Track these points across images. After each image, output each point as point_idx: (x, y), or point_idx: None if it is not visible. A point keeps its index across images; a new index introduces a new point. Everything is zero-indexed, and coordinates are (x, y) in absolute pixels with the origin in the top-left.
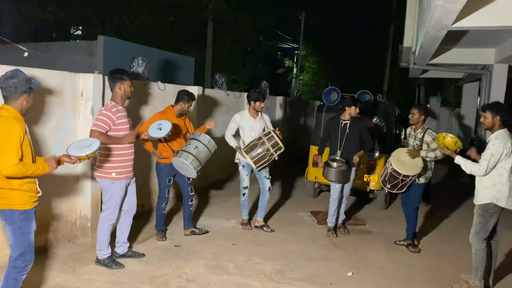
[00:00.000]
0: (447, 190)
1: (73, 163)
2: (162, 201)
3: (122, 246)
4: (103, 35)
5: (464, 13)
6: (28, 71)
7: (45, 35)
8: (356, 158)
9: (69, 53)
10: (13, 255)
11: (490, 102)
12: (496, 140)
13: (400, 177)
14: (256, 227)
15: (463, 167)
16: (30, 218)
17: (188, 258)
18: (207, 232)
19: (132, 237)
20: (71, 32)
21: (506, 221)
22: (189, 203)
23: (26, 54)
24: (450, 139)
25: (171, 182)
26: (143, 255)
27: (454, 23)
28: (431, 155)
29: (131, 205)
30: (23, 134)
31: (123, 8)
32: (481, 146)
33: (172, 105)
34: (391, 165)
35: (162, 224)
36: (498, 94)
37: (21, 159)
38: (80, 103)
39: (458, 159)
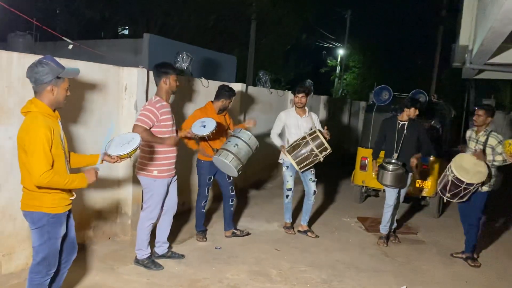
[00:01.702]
0: (506, 199)
1: (114, 162)
2: (202, 200)
3: (162, 246)
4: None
5: None
6: (70, 63)
7: (94, 34)
8: (413, 161)
9: (115, 50)
10: (36, 258)
11: None
12: None
13: (463, 186)
14: (299, 231)
15: None
16: (60, 222)
17: (230, 261)
18: (248, 234)
19: (172, 237)
20: (118, 31)
21: None
22: (230, 203)
23: (70, 46)
24: None
25: (211, 180)
26: (183, 256)
27: None
28: (499, 158)
29: (172, 204)
30: (52, 135)
31: (168, 7)
32: None
33: (212, 101)
34: (452, 172)
35: (202, 224)
36: None
37: (52, 166)
38: (123, 97)
39: None
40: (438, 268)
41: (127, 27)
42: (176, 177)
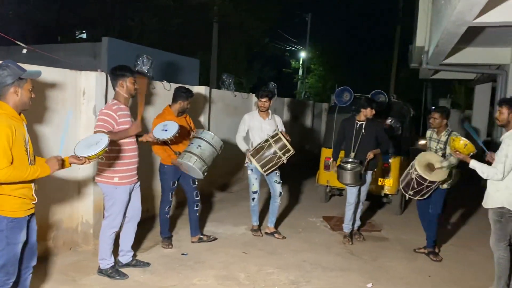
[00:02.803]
0: (462, 195)
1: (82, 164)
2: (165, 205)
3: (126, 255)
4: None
5: (486, 7)
6: (28, 67)
7: (50, 39)
8: (370, 155)
9: (73, 54)
10: None
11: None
12: (509, 140)
13: (426, 183)
14: (267, 234)
15: (479, 172)
16: (19, 227)
17: (196, 267)
18: (215, 239)
19: (136, 245)
20: (76, 35)
21: None
22: (195, 208)
23: (24, 51)
24: (461, 142)
25: (175, 185)
26: (148, 264)
27: (475, 18)
28: (453, 160)
29: (135, 211)
30: (14, 135)
31: (128, 10)
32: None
33: (169, 105)
34: (415, 170)
35: (167, 231)
36: None
37: (12, 163)
38: (82, 102)
39: (473, 164)
40: (402, 264)
41: (84, 31)
42: (139, 183)
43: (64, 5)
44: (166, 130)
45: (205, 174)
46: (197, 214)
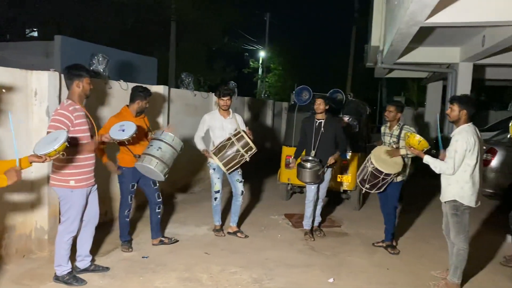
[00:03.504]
0: (417, 188)
1: (43, 162)
2: (125, 209)
3: (84, 260)
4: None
5: (437, 8)
6: None
7: None
8: (331, 160)
9: (23, 53)
10: None
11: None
12: (459, 136)
13: (382, 176)
14: (229, 233)
15: (432, 167)
16: None
17: (158, 270)
18: (177, 241)
19: (95, 249)
20: (27, 33)
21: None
22: (157, 210)
23: None
24: (416, 138)
25: (134, 188)
26: (107, 268)
27: (427, 18)
28: (403, 151)
29: (93, 215)
30: None
31: (81, 8)
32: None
33: (127, 105)
34: (371, 163)
35: (127, 234)
36: (464, 92)
37: None
38: (33, 103)
39: (427, 159)
40: (362, 258)
41: (36, 29)
42: (96, 186)
43: (14, 2)
44: (123, 131)
45: (166, 176)
46: (159, 216)
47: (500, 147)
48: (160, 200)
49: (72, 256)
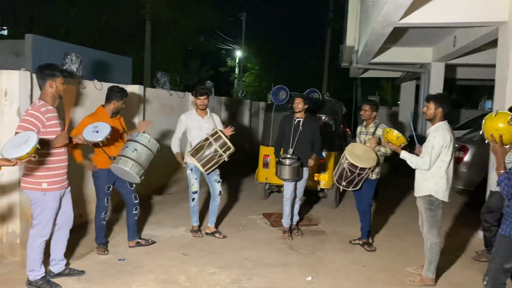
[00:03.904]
0: (391, 186)
1: (14, 165)
2: (101, 211)
3: (58, 264)
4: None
5: (410, 9)
6: None
7: None
8: (311, 162)
9: None
10: None
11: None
12: (436, 133)
13: (357, 171)
14: (207, 234)
15: (408, 162)
16: None
17: (135, 272)
18: (154, 242)
19: (69, 252)
20: None
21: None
22: (134, 211)
23: None
24: (394, 134)
25: (110, 190)
26: (83, 272)
27: (401, 19)
28: (382, 150)
29: (66, 217)
30: None
31: (53, 6)
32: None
33: (103, 105)
34: (347, 159)
35: (103, 236)
36: (436, 91)
37: None
38: (3, 103)
39: (404, 154)
40: (339, 255)
41: (5, 28)
42: (69, 188)
43: None
44: (97, 132)
45: (142, 178)
46: (136, 218)
47: (471, 144)
48: (137, 201)
49: (46, 260)
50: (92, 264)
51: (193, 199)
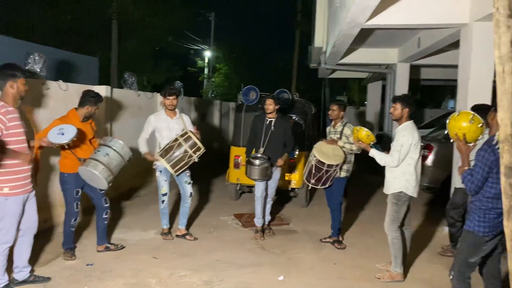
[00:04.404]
0: (361, 184)
1: None
2: (71, 217)
3: (22, 271)
4: None
5: (376, 11)
6: None
7: None
8: (280, 162)
9: None
10: None
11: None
12: (405, 131)
13: (324, 168)
14: (178, 236)
15: (377, 160)
16: None
17: (104, 277)
18: (123, 247)
19: (34, 259)
20: None
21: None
22: (104, 216)
23: None
24: (364, 133)
25: (79, 194)
26: (48, 279)
27: (368, 20)
28: (348, 146)
29: (31, 223)
30: None
31: (13, 4)
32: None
33: (76, 108)
34: (314, 157)
35: (71, 242)
36: (401, 91)
37: None
38: None
39: (373, 152)
40: (310, 254)
41: None
42: (34, 192)
43: None
44: (62, 134)
45: (110, 184)
46: (106, 222)
47: (436, 143)
48: (107, 205)
49: (9, 268)
50: (58, 270)
51: (162, 201)
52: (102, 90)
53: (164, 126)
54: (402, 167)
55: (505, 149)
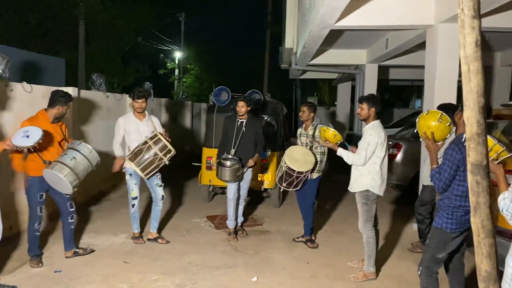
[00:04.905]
0: (332, 183)
1: None
2: (34, 221)
3: None
4: None
5: (345, 12)
6: None
7: None
8: (251, 162)
9: None
10: None
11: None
12: (372, 131)
13: (295, 174)
14: (149, 240)
15: (345, 158)
16: None
17: (73, 284)
18: (93, 251)
19: None
20: None
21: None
22: (70, 220)
23: None
24: (331, 132)
25: (44, 198)
26: (14, 287)
27: (337, 21)
28: (319, 149)
29: None
30: None
31: None
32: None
33: (45, 109)
34: (285, 163)
35: (37, 248)
36: (370, 92)
37: None
38: None
39: (340, 151)
40: (283, 254)
41: None
42: None
43: None
44: (27, 137)
45: (75, 189)
46: (72, 226)
47: (404, 142)
48: (73, 209)
49: None
50: (24, 278)
51: (133, 205)
52: (69, 91)
53: (133, 129)
54: (368, 166)
55: (471, 147)
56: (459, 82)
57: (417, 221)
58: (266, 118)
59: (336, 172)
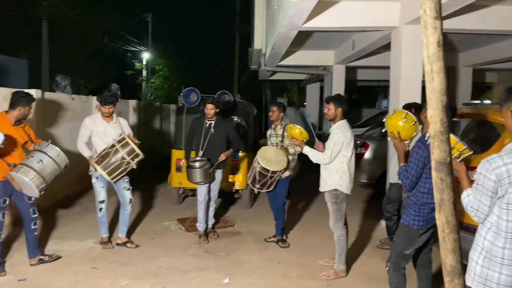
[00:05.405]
0: (303, 183)
1: None
2: None
3: None
4: None
5: (313, 14)
6: None
7: None
8: (222, 156)
9: None
10: None
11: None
12: (338, 130)
13: (269, 174)
14: (118, 244)
15: (310, 157)
16: None
17: None
18: (59, 257)
19: None
20: None
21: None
22: (32, 227)
23: None
24: (297, 130)
25: (7, 203)
26: None
27: (304, 23)
28: (291, 150)
29: None
30: None
31: None
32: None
33: (6, 111)
34: (258, 163)
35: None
36: (338, 92)
37: None
38: None
39: (306, 149)
40: (255, 255)
41: None
42: None
43: None
44: None
45: (42, 193)
46: (36, 233)
47: (371, 141)
48: (36, 215)
49: None
50: None
51: (100, 209)
52: (32, 93)
53: (100, 131)
54: (336, 165)
55: (435, 144)
56: (423, 82)
57: (385, 218)
58: (236, 119)
59: (307, 172)
